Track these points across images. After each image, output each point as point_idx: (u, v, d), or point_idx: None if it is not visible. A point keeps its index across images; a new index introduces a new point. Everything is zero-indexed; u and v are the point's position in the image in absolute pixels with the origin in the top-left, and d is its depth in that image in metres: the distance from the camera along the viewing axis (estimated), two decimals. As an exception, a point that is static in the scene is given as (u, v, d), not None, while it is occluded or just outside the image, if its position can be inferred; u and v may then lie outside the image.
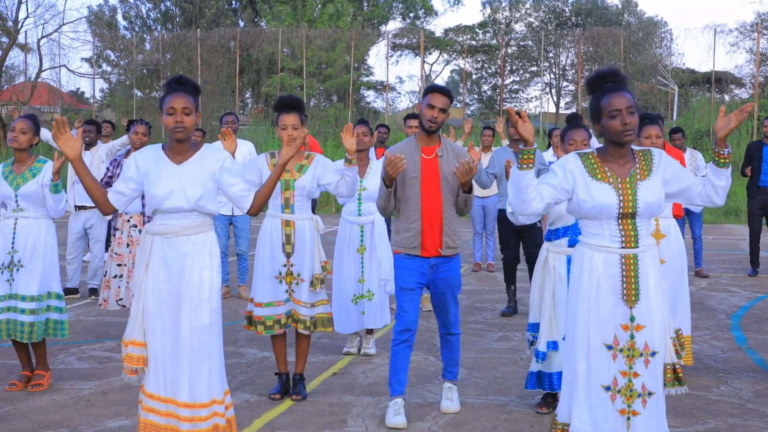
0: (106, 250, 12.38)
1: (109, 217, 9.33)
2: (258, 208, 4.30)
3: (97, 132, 9.65)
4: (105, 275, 7.41)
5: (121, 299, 7.10)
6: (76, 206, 9.25)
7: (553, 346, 5.22)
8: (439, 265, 5.14)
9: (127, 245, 7.08)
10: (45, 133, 10.84)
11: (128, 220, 7.09)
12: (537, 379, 5.35)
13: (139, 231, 7.07)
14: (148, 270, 4.13)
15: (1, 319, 5.71)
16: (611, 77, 3.76)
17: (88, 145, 9.50)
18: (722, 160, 3.66)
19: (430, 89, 5.14)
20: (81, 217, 9.29)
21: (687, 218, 11.12)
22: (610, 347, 3.71)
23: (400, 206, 5.12)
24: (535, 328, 5.38)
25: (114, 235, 7.20)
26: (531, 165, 3.68)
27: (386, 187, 5.01)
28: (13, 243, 5.73)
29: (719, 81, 26.85)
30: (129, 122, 7.84)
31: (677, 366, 3.72)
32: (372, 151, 7.25)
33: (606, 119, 3.69)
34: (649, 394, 3.68)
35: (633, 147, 3.81)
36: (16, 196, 5.73)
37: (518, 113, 3.99)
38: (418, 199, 5.07)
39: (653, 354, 3.67)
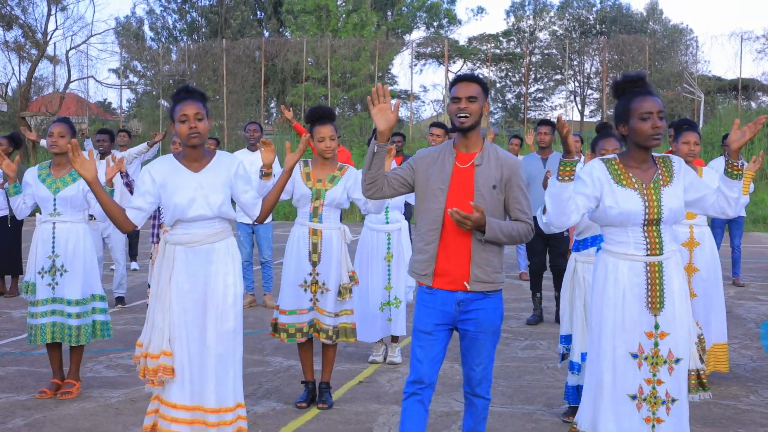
0: (131, 257, 12.62)
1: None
2: (265, 216, 4.42)
3: (111, 141, 9.70)
4: (149, 286, 7.47)
5: None
6: (89, 215, 9.27)
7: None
8: (468, 303, 3.99)
9: None
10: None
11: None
12: (577, 392, 5.18)
13: None
14: (171, 281, 4.15)
15: (47, 323, 5.80)
16: (639, 82, 3.77)
17: (103, 154, 9.50)
18: (735, 172, 3.69)
19: (453, 80, 4.13)
20: (97, 227, 9.35)
21: (728, 227, 11.05)
22: (635, 356, 3.71)
23: (417, 218, 4.14)
24: (568, 340, 5.32)
25: (155, 243, 7.21)
26: (572, 177, 3.68)
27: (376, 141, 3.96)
28: (53, 248, 5.81)
29: (746, 88, 26.61)
30: (165, 134, 7.83)
31: (701, 372, 3.69)
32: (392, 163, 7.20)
33: (636, 121, 3.68)
34: (673, 400, 3.68)
35: (653, 153, 3.81)
36: (54, 199, 5.82)
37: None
38: (439, 216, 3.99)
39: (677, 361, 3.68)
